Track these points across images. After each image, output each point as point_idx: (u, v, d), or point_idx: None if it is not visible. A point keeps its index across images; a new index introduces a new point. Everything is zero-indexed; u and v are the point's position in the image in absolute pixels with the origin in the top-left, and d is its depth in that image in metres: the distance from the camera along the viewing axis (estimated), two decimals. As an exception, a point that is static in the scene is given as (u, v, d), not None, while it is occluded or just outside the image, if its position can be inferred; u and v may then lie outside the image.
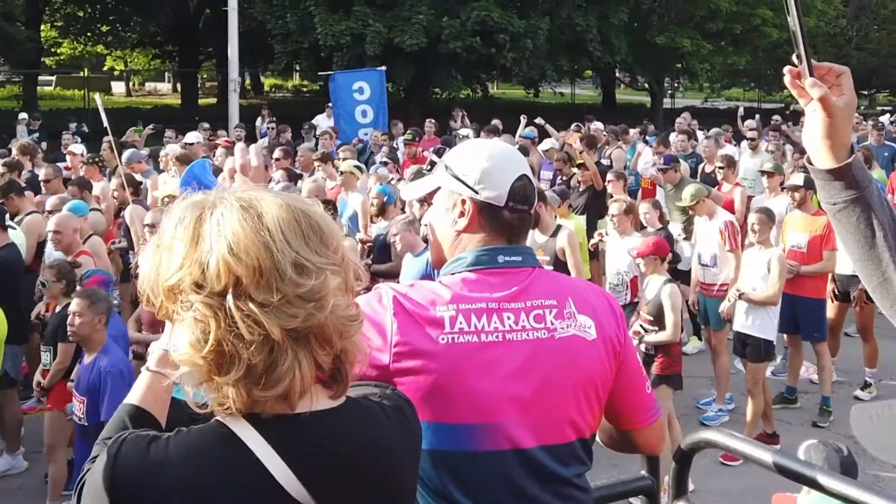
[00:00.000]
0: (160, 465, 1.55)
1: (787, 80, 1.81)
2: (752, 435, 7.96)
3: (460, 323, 2.13)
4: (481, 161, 2.26)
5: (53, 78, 40.43)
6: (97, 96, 11.72)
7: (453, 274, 2.24)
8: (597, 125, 16.01)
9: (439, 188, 2.34)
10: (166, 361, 1.89)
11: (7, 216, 8.59)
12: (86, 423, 5.82)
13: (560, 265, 8.22)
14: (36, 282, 7.77)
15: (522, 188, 2.27)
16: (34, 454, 7.58)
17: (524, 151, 13.46)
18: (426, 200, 8.06)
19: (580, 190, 11.62)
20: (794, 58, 1.80)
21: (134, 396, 1.92)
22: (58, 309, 7.01)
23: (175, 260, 1.56)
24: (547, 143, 14.32)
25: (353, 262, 1.67)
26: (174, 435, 1.59)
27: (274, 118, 21.48)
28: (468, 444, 2.11)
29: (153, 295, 1.60)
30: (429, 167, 7.93)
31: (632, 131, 16.46)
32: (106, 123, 10.36)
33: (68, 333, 6.07)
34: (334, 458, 1.61)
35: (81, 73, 37.96)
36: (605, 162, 13.91)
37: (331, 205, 9.09)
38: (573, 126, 17.50)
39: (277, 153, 12.12)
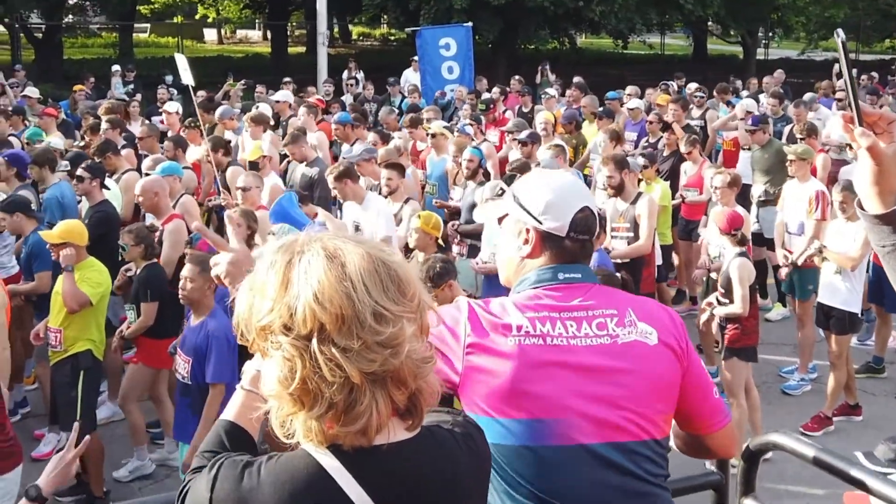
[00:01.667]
0: (253, 490, 1.72)
1: (841, 125, 1.91)
2: (834, 406, 7.98)
3: (527, 327, 2.32)
4: (546, 193, 2.46)
5: (147, 26, 41.14)
6: (178, 57, 11.78)
7: (519, 292, 2.45)
8: (690, 86, 15.69)
9: (507, 214, 2.55)
10: (259, 381, 2.04)
11: (105, 174, 8.92)
12: (189, 382, 6.09)
13: (638, 231, 8.34)
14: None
15: (584, 220, 2.46)
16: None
17: (609, 113, 13.41)
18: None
19: (665, 154, 11.55)
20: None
21: (229, 413, 2.06)
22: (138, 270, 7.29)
23: (266, 303, 1.71)
24: (632, 103, 14.21)
25: (428, 303, 1.78)
26: (265, 461, 1.76)
27: (360, 71, 21.68)
28: (538, 439, 2.27)
29: (246, 331, 1.77)
30: (500, 192, 8.14)
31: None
32: (190, 82, 10.50)
33: (180, 297, 6.35)
34: (411, 488, 1.76)
35: (175, 21, 38.61)
36: (693, 123, 13.74)
37: (399, 168, 9.18)
38: (661, 85, 17.26)
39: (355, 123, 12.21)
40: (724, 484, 2.87)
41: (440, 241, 7.69)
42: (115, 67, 20.70)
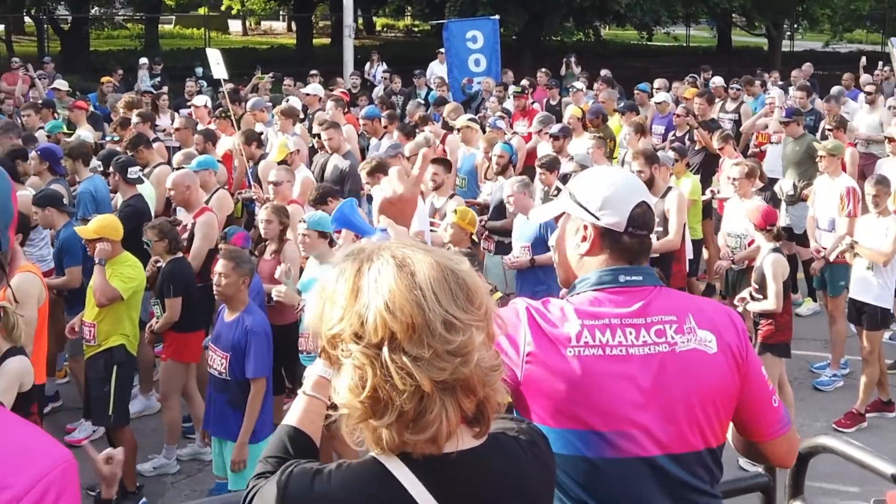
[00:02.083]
0: (324, 497, 1.74)
1: None
2: (867, 403, 7.95)
3: (585, 337, 2.29)
4: (603, 189, 2.43)
5: (172, 17, 41.32)
6: (210, 52, 11.80)
7: (578, 294, 2.41)
8: (716, 80, 15.60)
9: (564, 213, 2.53)
10: (321, 386, 2.06)
11: (136, 168, 8.96)
12: (227, 378, 6.12)
13: (667, 226, 8.31)
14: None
15: (641, 214, 2.43)
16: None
17: (632, 106, 13.36)
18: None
19: (696, 149, 11.50)
20: None
21: (292, 419, 2.06)
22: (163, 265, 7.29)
23: (336, 311, 1.72)
24: (659, 97, 14.16)
25: (495, 312, 1.79)
26: (335, 469, 1.77)
27: (383, 63, 21.68)
28: (596, 450, 2.27)
29: (315, 339, 1.80)
30: (555, 192, 8.20)
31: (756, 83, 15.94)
32: (223, 76, 10.54)
33: (214, 292, 6.38)
34: (479, 495, 1.77)
35: (200, 12, 38.72)
36: (727, 117, 13.67)
37: (446, 163, 9.19)
38: (688, 78, 17.18)
39: (385, 120, 12.15)
40: (772, 486, 2.87)
41: (473, 237, 7.70)
42: (143, 60, 20.77)
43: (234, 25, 46.68)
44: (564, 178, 8.82)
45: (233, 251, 6.49)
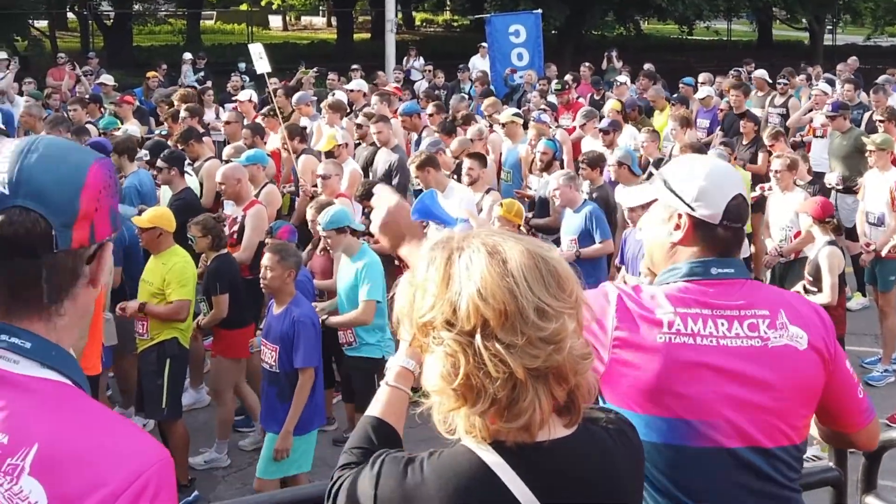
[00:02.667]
0: (417, 486, 1.74)
1: None
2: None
3: (677, 325, 2.28)
4: (699, 179, 2.40)
5: (214, 13, 41.62)
6: (252, 46, 11.85)
7: (668, 283, 2.39)
8: (759, 72, 15.46)
9: (656, 199, 2.50)
10: (404, 377, 2.09)
11: (184, 162, 9.01)
12: (277, 370, 6.15)
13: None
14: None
15: (737, 207, 2.40)
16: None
17: (683, 99, 13.28)
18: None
19: (745, 143, 11.39)
20: None
21: (376, 409, 2.06)
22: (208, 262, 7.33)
23: (428, 299, 1.72)
24: (703, 92, 14.06)
25: (585, 301, 1.78)
26: (427, 457, 1.78)
27: (420, 58, 21.72)
28: (681, 438, 2.26)
29: (406, 327, 1.79)
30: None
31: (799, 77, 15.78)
32: (267, 70, 10.61)
33: (261, 286, 6.42)
34: (572, 484, 1.76)
35: (242, 8, 38.95)
36: (775, 111, 13.54)
37: (481, 158, 9.17)
38: (732, 72, 17.04)
39: (431, 108, 12.17)
40: (843, 480, 2.85)
41: (521, 230, 7.69)
42: (187, 55, 20.92)
43: (274, 21, 46.94)
44: (657, 164, 8.72)
45: (278, 244, 6.53)
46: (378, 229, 2.41)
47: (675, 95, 13.73)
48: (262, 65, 11.05)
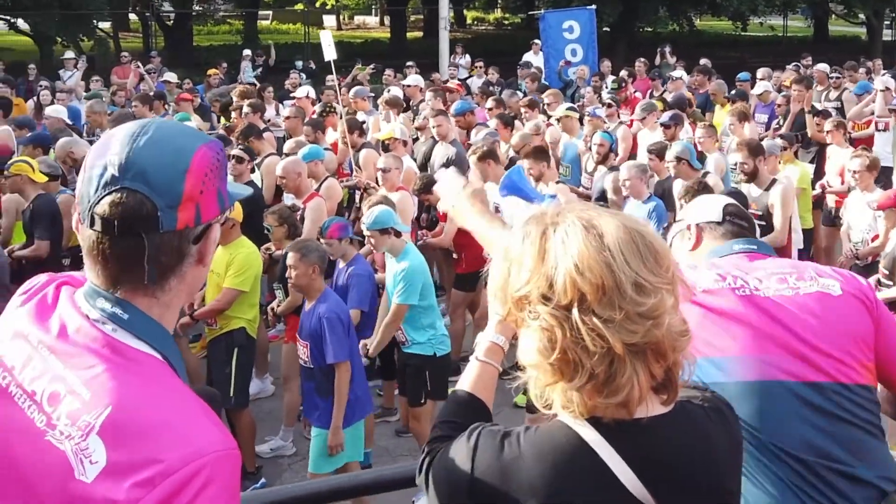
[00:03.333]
0: (515, 460, 1.75)
1: None
2: None
3: (714, 280, 2.48)
4: (697, 202, 2.94)
5: (270, 13, 42.12)
6: (323, 33, 12.08)
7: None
8: (821, 66, 15.27)
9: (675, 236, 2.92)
10: (493, 353, 2.11)
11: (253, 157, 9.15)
12: (311, 366, 6.19)
13: (771, 220, 8.03)
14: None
15: (735, 207, 2.84)
16: (279, 380, 8.13)
17: (742, 95, 13.22)
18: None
19: (808, 138, 11.27)
20: None
21: (465, 384, 2.09)
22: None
23: (523, 273, 1.72)
24: (760, 87, 13.98)
25: (681, 278, 1.77)
26: (524, 432, 1.79)
27: (466, 55, 21.85)
28: (738, 375, 2.37)
29: (501, 302, 1.80)
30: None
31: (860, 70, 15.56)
32: (331, 57, 10.79)
33: (289, 286, 6.49)
34: (670, 462, 1.75)
35: (298, 8, 39.38)
36: (830, 105, 13.42)
37: (540, 153, 9.20)
38: (790, 66, 16.89)
39: (490, 103, 12.21)
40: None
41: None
42: (246, 52, 21.28)
43: (328, 20, 47.32)
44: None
45: (298, 243, 6.54)
46: (452, 205, 2.54)
47: (732, 91, 13.64)
48: (329, 52, 11.31)
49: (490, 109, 11.97)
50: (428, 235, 8.90)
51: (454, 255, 8.76)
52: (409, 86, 14.29)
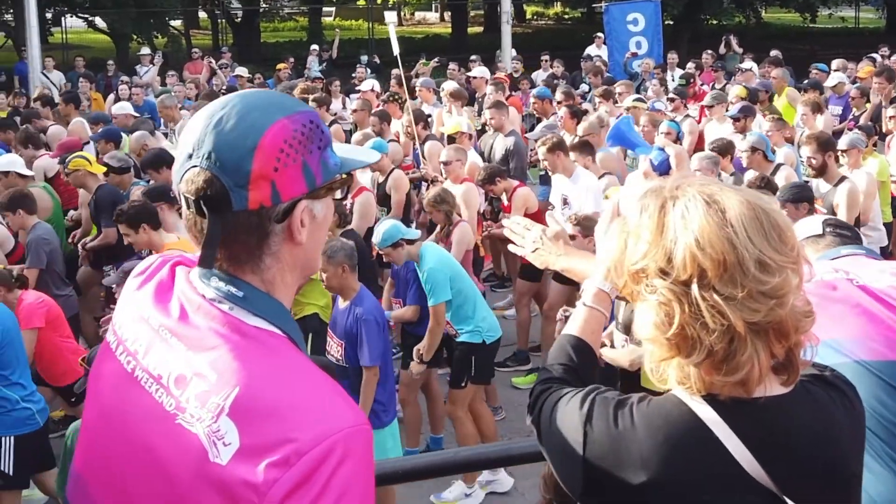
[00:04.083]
0: (626, 431, 1.74)
1: None
2: None
3: (831, 271, 2.54)
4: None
5: (333, 9, 42.58)
6: (390, 25, 12.26)
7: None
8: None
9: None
10: (601, 299, 2.13)
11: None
12: (345, 365, 6.17)
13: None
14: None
15: (835, 219, 2.99)
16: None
17: (815, 85, 13.01)
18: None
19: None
20: None
21: (573, 328, 2.12)
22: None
23: (641, 246, 1.69)
24: (834, 78, 13.72)
25: (805, 257, 1.73)
26: (637, 403, 1.77)
27: (512, 50, 21.83)
28: (857, 355, 2.39)
29: (616, 274, 1.78)
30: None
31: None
32: (397, 52, 10.93)
33: (324, 287, 6.41)
34: (790, 444, 1.71)
35: (361, 4, 39.78)
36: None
37: (588, 146, 9.17)
38: (866, 57, 16.57)
39: (559, 95, 12.17)
40: None
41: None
42: (313, 46, 21.67)
43: (389, 16, 47.56)
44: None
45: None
46: (532, 252, 2.61)
47: (805, 81, 13.41)
48: (395, 45, 11.47)
49: (559, 102, 11.99)
50: (493, 227, 8.93)
51: (480, 251, 8.81)
52: (474, 78, 14.32)
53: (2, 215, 7.90)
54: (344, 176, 1.67)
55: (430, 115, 11.81)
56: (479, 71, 14.72)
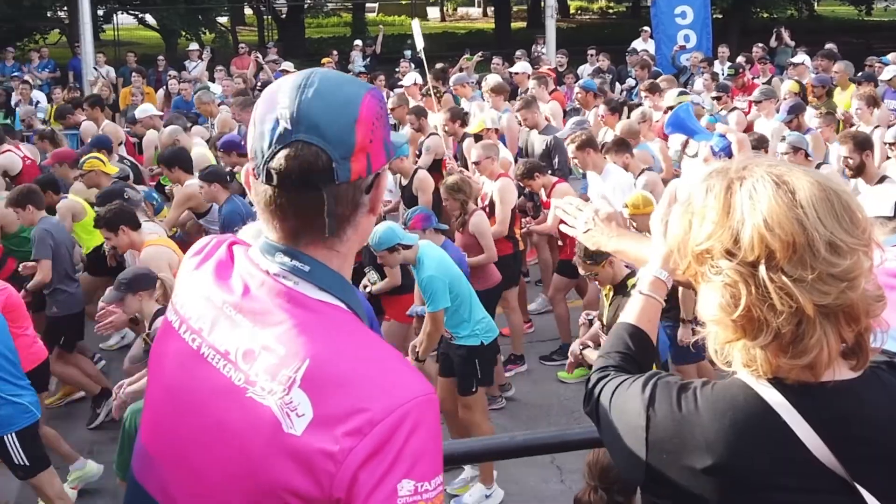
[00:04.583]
0: (690, 415, 1.70)
1: None
2: None
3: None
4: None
5: (376, 5, 42.73)
6: (414, 22, 12.22)
7: None
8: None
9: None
10: (657, 287, 2.12)
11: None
12: None
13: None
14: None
15: None
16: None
17: (870, 78, 12.62)
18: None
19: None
20: None
21: (630, 316, 2.12)
22: None
23: (707, 227, 1.66)
24: (890, 71, 13.27)
25: (877, 241, 1.69)
26: (700, 387, 1.74)
27: (544, 44, 21.61)
28: None
29: (679, 255, 1.74)
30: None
31: None
32: (420, 48, 10.80)
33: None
34: (859, 429, 1.66)
35: (401, 1, 39.96)
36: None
37: (625, 144, 8.96)
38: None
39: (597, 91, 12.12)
40: None
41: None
42: (357, 42, 21.87)
43: (432, 12, 47.65)
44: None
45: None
46: (584, 232, 2.53)
47: (859, 74, 13.00)
48: (418, 40, 11.38)
49: (596, 97, 11.83)
50: (532, 223, 8.90)
51: (559, 242, 8.64)
52: (516, 73, 14.15)
53: (14, 211, 7.82)
54: None
55: (467, 113, 11.62)
56: (520, 66, 14.52)
